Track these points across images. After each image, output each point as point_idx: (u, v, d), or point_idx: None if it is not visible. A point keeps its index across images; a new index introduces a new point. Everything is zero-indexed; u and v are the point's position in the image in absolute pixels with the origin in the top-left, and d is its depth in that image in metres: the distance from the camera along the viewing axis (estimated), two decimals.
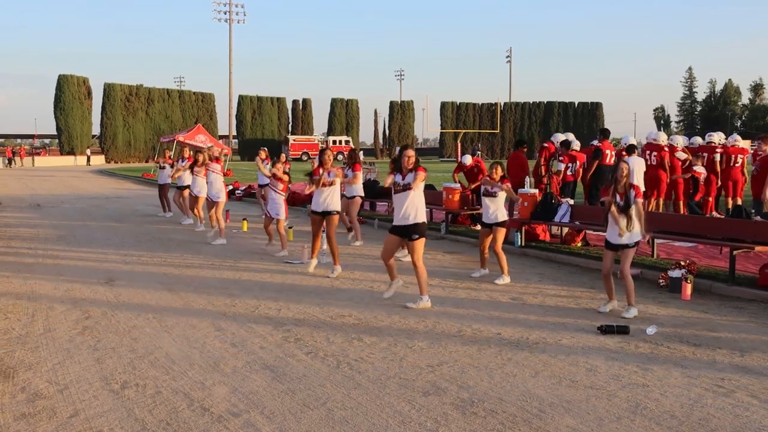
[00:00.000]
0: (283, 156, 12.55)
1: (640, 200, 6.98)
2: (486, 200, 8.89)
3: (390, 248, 7.57)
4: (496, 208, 8.80)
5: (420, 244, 7.34)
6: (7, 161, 55.88)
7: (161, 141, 41.94)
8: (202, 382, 5.00)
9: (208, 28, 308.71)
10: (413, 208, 7.29)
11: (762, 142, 11.91)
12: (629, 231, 6.91)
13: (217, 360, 5.53)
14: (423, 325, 6.59)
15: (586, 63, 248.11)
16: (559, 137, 14.46)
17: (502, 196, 8.83)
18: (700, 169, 12.94)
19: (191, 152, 16.37)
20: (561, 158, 13.55)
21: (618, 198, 6.96)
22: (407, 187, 7.27)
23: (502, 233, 8.83)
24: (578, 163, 13.69)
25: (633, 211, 6.88)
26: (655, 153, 13.56)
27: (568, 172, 13.48)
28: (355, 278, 8.90)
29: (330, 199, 9.23)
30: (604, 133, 14.34)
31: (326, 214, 9.21)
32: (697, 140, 15.19)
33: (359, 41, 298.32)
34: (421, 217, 7.34)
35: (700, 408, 4.50)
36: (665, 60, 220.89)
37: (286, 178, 11.16)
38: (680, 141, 14.33)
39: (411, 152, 7.40)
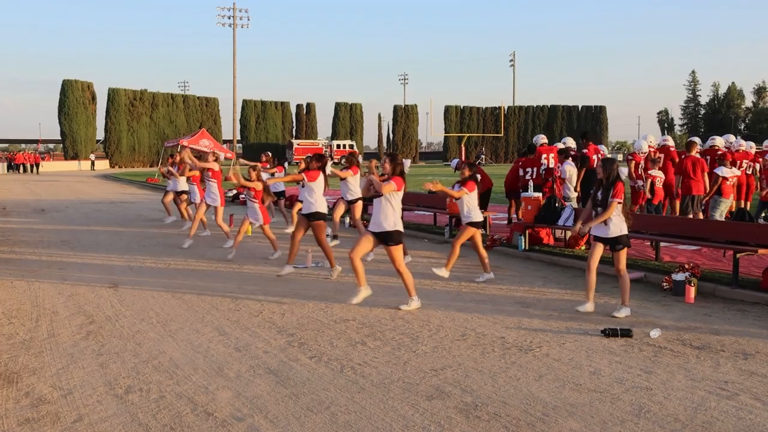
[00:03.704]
0: (259, 165, 12.55)
1: (617, 199, 6.97)
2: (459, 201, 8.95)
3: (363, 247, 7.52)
4: (468, 208, 8.82)
5: (397, 250, 7.35)
6: (8, 166, 56.01)
7: (165, 146, 42.04)
8: (206, 387, 5.01)
9: (212, 32, 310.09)
10: (383, 215, 7.34)
11: (688, 148, 12.85)
12: (607, 225, 7.00)
13: (220, 364, 5.54)
14: (427, 329, 6.60)
15: (590, 66, 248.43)
16: (568, 141, 14.43)
17: (472, 195, 8.85)
18: (655, 173, 12.94)
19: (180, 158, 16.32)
20: (520, 164, 13.67)
21: (599, 195, 7.06)
22: (377, 194, 7.39)
23: (470, 232, 8.84)
24: (536, 168, 13.63)
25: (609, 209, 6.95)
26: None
27: (527, 177, 13.49)
28: None
29: (319, 202, 9.16)
30: (587, 137, 14.18)
31: (313, 218, 9.13)
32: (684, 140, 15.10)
33: (363, 45, 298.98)
34: (393, 225, 7.34)
35: (704, 411, 4.49)
36: (668, 63, 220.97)
37: (258, 185, 11.13)
38: (698, 142, 14.34)
39: (386, 160, 7.45)
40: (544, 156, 13.65)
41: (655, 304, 7.60)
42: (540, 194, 12.16)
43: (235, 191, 22.84)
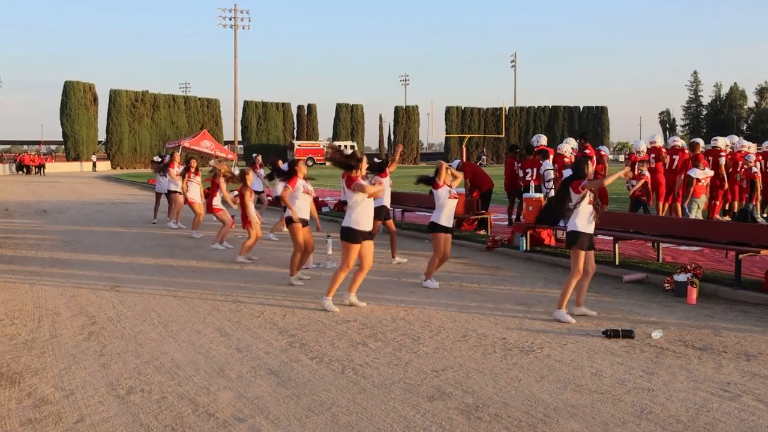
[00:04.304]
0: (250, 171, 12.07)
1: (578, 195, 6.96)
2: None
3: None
4: (451, 211, 8.75)
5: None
6: (18, 167, 56.23)
7: (167, 147, 42.10)
8: (207, 388, 5.01)
9: (213, 34, 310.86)
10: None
11: (692, 148, 12.87)
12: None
13: (222, 365, 5.54)
14: (428, 329, 6.59)
15: (591, 67, 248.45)
16: (571, 142, 14.46)
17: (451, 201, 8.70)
18: (646, 173, 12.97)
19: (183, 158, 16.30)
20: (519, 164, 13.71)
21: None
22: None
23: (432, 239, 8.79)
24: (536, 169, 13.69)
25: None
26: (653, 156, 13.61)
27: (527, 178, 13.55)
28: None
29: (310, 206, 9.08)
30: (585, 137, 14.21)
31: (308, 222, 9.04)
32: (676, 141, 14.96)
33: (364, 46, 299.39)
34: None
35: (706, 412, 4.49)
36: (670, 64, 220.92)
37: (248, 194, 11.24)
38: (701, 143, 14.37)
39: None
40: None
41: (656, 305, 7.59)
42: (541, 195, 12.15)
43: (236, 192, 22.82)
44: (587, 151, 13.57)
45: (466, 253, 11.61)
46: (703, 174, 12.14)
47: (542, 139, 14.34)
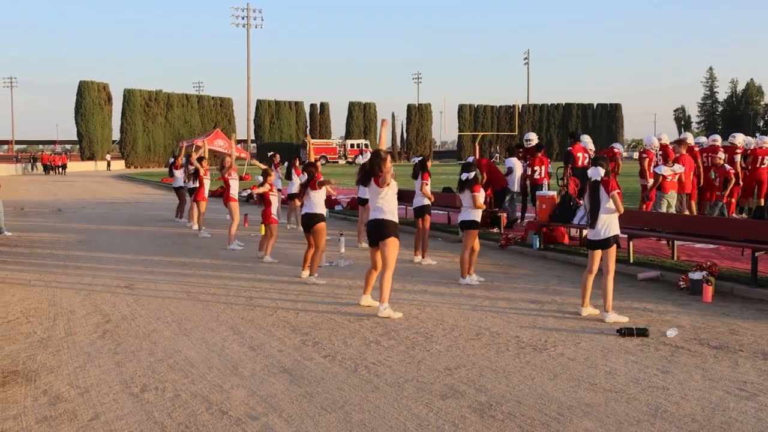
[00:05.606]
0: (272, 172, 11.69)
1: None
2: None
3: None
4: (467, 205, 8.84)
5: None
6: (44, 169, 56.70)
7: (180, 146, 42.32)
8: (220, 386, 5.03)
9: (226, 33, 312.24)
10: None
11: (678, 145, 12.60)
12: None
13: (235, 363, 5.56)
14: (441, 328, 6.58)
15: (604, 65, 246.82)
16: (585, 139, 14.38)
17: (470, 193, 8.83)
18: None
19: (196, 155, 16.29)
20: (527, 163, 13.73)
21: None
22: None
23: (469, 236, 8.81)
24: (545, 167, 13.86)
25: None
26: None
27: (535, 176, 13.57)
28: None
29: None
30: (574, 136, 14.24)
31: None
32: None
33: (377, 45, 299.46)
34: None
35: (722, 412, 4.44)
36: (684, 61, 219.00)
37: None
38: (719, 140, 14.24)
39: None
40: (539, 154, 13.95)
41: (671, 303, 7.53)
42: (555, 193, 12.09)
43: (249, 190, 22.90)
44: (569, 149, 13.59)
45: (479, 251, 11.55)
46: (669, 170, 12.02)
47: (532, 138, 14.48)
